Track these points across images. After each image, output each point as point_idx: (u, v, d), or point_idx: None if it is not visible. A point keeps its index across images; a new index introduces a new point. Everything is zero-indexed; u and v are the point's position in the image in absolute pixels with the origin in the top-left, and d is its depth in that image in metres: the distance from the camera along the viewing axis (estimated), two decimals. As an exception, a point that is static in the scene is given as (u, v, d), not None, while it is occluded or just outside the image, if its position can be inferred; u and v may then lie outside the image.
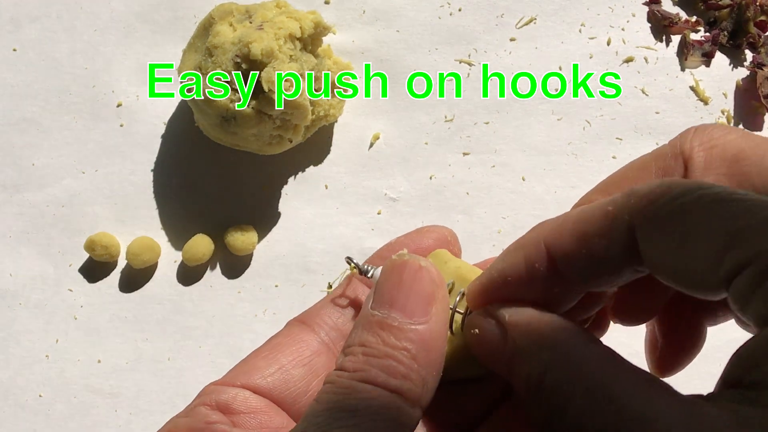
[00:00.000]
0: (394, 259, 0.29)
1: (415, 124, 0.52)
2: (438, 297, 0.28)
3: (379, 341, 0.28)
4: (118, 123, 0.53)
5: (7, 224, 0.51)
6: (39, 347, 0.50)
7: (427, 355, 0.27)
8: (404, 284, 0.29)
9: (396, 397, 0.26)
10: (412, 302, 0.28)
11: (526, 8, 0.54)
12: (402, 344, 0.27)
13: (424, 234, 0.34)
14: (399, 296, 0.28)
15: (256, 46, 0.44)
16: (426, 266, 0.29)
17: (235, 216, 0.51)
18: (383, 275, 0.29)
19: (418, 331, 0.28)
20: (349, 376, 0.27)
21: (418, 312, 0.28)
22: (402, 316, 0.28)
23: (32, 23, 0.54)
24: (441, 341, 0.28)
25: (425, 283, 0.29)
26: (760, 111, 0.52)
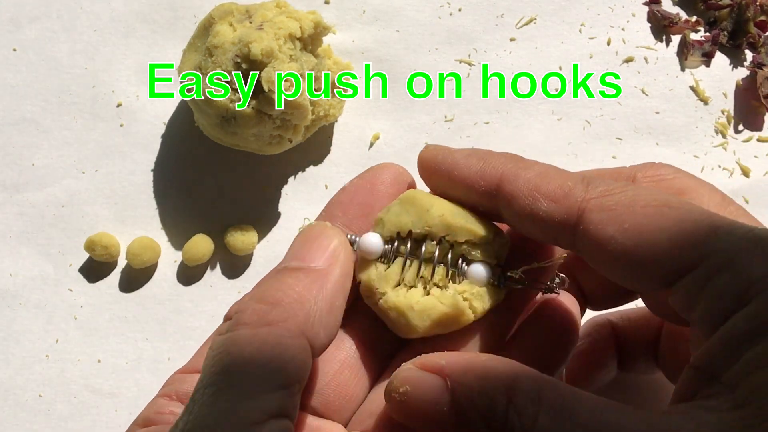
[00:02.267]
0: (305, 226, 0.30)
1: (415, 124, 0.52)
2: (338, 250, 0.29)
3: (271, 279, 0.28)
4: (118, 123, 0.53)
5: (7, 224, 0.51)
6: (39, 347, 0.50)
7: (318, 292, 0.27)
8: (305, 241, 0.29)
9: (274, 330, 0.25)
10: (310, 253, 0.28)
11: (526, 8, 0.54)
12: (293, 279, 0.27)
13: (378, 171, 0.34)
14: (298, 250, 0.29)
15: (256, 46, 0.44)
16: (329, 227, 0.30)
17: (235, 216, 0.51)
18: (294, 239, 0.30)
19: (311, 269, 0.28)
20: (225, 328, 0.26)
21: (316, 259, 0.28)
22: (299, 263, 0.28)
23: (32, 23, 0.54)
24: (338, 287, 0.28)
25: (326, 237, 0.29)
26: (760, 111, 0.52)
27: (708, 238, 0.25)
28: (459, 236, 0.31)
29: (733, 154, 0.52)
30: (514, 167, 0.29)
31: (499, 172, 0.29)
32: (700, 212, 0.25)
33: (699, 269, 0.24)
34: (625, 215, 0.26)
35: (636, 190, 0.27)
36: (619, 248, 0.26)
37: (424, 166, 0.32)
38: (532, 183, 0.28)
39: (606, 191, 0.27)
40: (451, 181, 0.31)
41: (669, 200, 0.26)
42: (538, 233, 0.29)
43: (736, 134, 0.52)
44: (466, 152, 0.31)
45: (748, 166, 0.52)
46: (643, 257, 0.26)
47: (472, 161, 0.30)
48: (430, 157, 0.32)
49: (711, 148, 0.52)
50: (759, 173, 0.52)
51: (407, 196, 0.32)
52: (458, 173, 0.30)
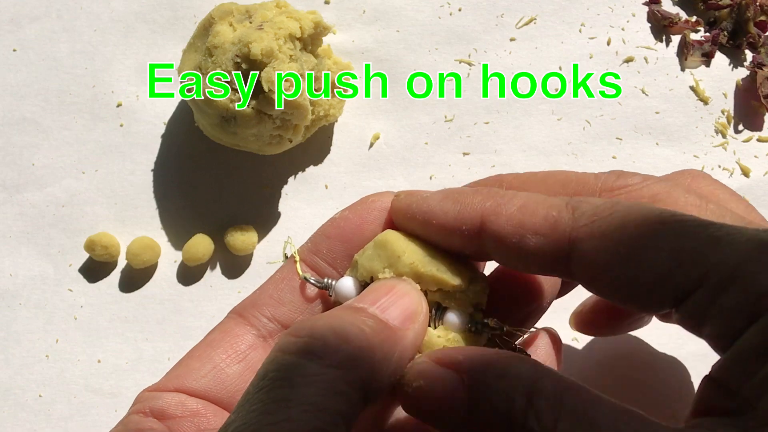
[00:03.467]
0: (386, 278, 0.29)
1: (415, 124, 0.52)
2: (418, 314, 0.28)
3: (346, 313, 0.27)
4: (118, 123, 0.53)
5: (7, 224, 0.51)
6: (39, 347, 0.50)
7: (385, 352, 0.26)
8: (392, 295, 0.28)
9: (339, 377, 0.24)
10: (393, 308, 0.27)
11: (526, 8, 0.54)
12: (367, 326, 0.26)
13: (368, 205, 0.32)
14: (383, 299, 0.28)
15: (256, 46, 0.44)
16: (416, 291, 0.29)
17: (235, 216, 0.51)
18: (374, 284, 0.28)
19: (385, 325, 0.27)
20: (294, 347, 0.25)
21: (395, 318, 0.27)
22: (379, 312, 0.27)
23: (32, 23, 0.54)
24: (403, 351, 0.27)
25: (410, 301, 0.28)
26: (760, 111, 0.52)
27: (709, 252, 0.23)
28: (430, 286, 0.30)
29: (733, 154, 0.52)
30: (494, 204, 0.28)
31: (478, 213, 0.28)
32: (696, 224, 0.24)
33: (703, 288, 0.23)
34: (619, 239, 0.25)
35: (625, 209, 0.25)
36: (617, 274, 0.25)
37: (398, 216, 0.31)
38: (516, 219, 0.27)
39: (594, 215, 0.25)
40: (429, 229, 0.30)
41: (662, 215, 0.25)
42: (531, 268, 0.28)
43: (736, 134, 0.52)
44: (440, 196, 0.29)
45: (748, 166, 0.52)
46: (642, 282, 0.24)
47: (448, 206, 0.29)
48: (403, 208, 0.30)
49: (711, 148, 0.52)
50: (759, 173, 0.52)
51: (381, 240, 0.31)
52: (436, 221, 0.29)
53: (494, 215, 0.27)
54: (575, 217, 0.26)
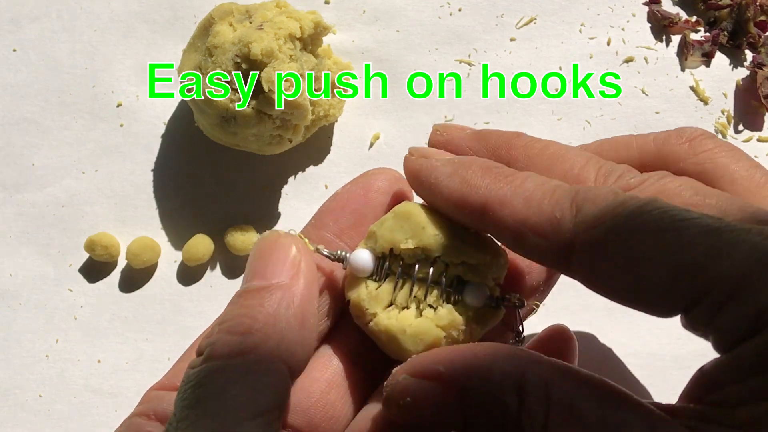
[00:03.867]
0: (258, 237, 0.29)
1: (415, 124, 0.52)
2: (299, 259, 0.27)
3: (237, 306, 0.26)
4: (118, 123, 0.53)
5: (7, 224, 0.51)
6: (39, 347, 0.50)
7: (287, 310, 0.26)
8: (263, 254, 0.28)
9: (244, 360, 0.25)
10: (270, 267, 0.27)
11: (526, 8, 0.54)
12: (258, 301, 0.26)
13: (371, 177, 0.32)
14: (258, 266, 0.28)
15: (256, 46, 0.44)
16: (284, 234, 0.28)
17: (235, 216, 0.51)
18: (250, 254, 0.28)
19: (275, 285, 0.27)
20: (197, 362, 0.25)
21: (278, 274, 0.27)
22: (262, 281, 0.27)
23: (32, 23, 0.54)
24: (305, 299, 0.27)
25: (284, 248, 0.28)
26: (760, 111, 0.52)
27: (709, 265, 0.22)
28: (455, 257, 0.29)
29: (733, 154, 0.52)
30: (500, 193, 0.27)
31: (483, 199, 0.27)
32: (698, 231, 0.23)
33: (705, 302, 0.23)
34: (619, 249, 0.24)
35: (628, 214, 0.24)
36: (615, 284, 0.24)
37: (411, 179, 0.30)
38: (519, 215, 0.26)
39: (596, 219, 0.24)
40: (435, 200, 0.29)
41: (661, 223, 0.23)
42: (531, 258, 0.28)
43: (736, 134, 0.52)
44: (448, 169, 0.28)
45: (748, 166, 0.52)
46: (642, 293, 0.24)
47: (454, 184, 0.28)
48: (413, 171, 0.30)
49: (711, 148, 0.52)
50: (759, 173, 0.52)
51: (402, 210, 0.30)
52: (441, 196, 0.28)
53: (499, 205, 0.27)
54: (577, 221, 0.25)
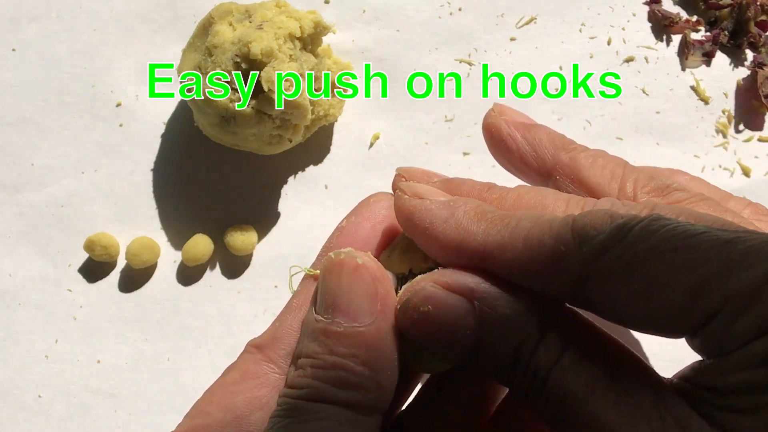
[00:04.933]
0: (331, 258, 0.27)
1: (415, 124, 0.52)
2: (380, 293, 0.27)
3: (326, 350, 0.26)
4: (118, 123, 0.53)
5: (6, 224, 0.51)
6: (38, 347, 0.50)
7: (377, 357, 0.26)
8: (344, 285, 0.27)
9: (349, 411, 0.25)
10: (354, 303, 0.26)
11: (526, 8, 0.54)
12: (350, 351, 0.26)
13: (373, 206, 0.31)
14: (340, 298, 0.27)
15: (255, 46, 0.44)
16: (364, 263, 0.27)
17: (235, 216, 0.51)
18: (323, 277, 0.27)
19: (365, 333, 0.26)
20: (297, 394, 0.26)
21: (361, 313, 0.26)
22: (346, 319, 0.26)
23: (32, 23, 0.54)
24: (390, 339, 0.26)
25: (366, 281, 0.27)
26: (761, 111, 0.52)
27: (725, 278, 0.22)
28: None
29: (733, 154, 0.52)
30: (496, 236, 0.26)
31: (481, 245, 0.26)
32: (713, 245, 0.22)
33: (719, 316, 0.22)
34: (630, 277, 0.23)
35: (635, 235, 0.23)
36: (633, 311, 0.24)
37: (402, 220, 0.28)
38: (523, 257, 0.25)
39: (602, 246, 0.23)
40: (431, 246, 0.28)
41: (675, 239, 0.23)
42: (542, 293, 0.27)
43: (736, 134, 0.52)
44: (444, 213, 0.27)
45: (749, 165, 0.51)
46: (657, 317, 0.23)
47: (451, 229, 0.27)
48: (406, 214, 0.28)
49: (711, 148, 0.52)
50: (759, 173, 0.51)
51: None
52: (438, 242, 0.27)
53: (499, 251, 0.26)
54: (584, 251, 0.24)
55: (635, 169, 0.30)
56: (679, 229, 0.23)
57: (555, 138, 0.32)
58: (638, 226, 0.23)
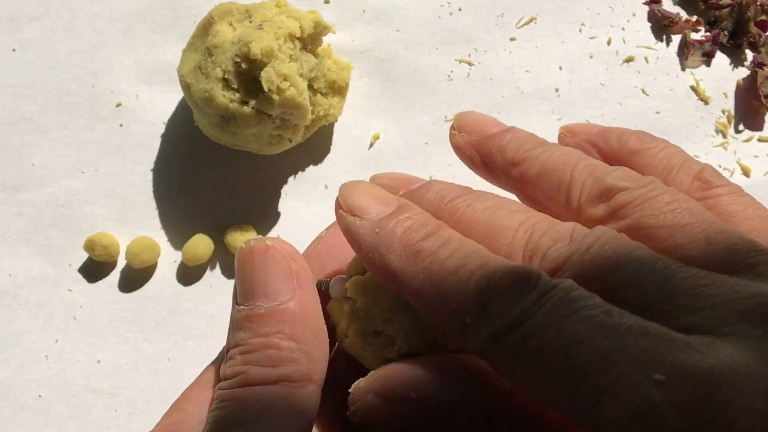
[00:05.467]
0: (241, 247, 0.28)
1: (415, 124, 0.52)
2: (294, 269, 0.27)
3: (252, 335, 0.26)
4: (118, 123, 0.53)
5: (6, 224, 0.51)
6: (39, 347, 0.50)
7: (303, 330, 0.26)
8: (257, 269, 0.27)
9: (282, 387, 0.25)
10: (271, 284, 0.27)
11: (526, 8, 0.54)
12: (274, 328, 0.26)
13: None
14: (256, 283, 0.27)
15: (255, 46, 0.44)
16: (273, 243, 0.27)
17: (235, 216, 0.51)
18: (237, 268, 0.28)
19: (286, 309, 0.26)
20: (229, 384, 0.26)
21: (279, 291, 0.27)
22: (266, 300, 0.27)
23: (32, 23, 0.54)
24: (313, 311, 0.27)
25: (279, 261, 0.27)
26: (761, 111, 0.52)
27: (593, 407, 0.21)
28: None
29: (733, 154, 0.52)
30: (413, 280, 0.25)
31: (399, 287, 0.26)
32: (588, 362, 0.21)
33: None
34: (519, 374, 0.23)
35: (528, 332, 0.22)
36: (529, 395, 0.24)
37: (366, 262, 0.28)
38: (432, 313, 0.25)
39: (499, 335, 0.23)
40: None
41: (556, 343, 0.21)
42: None
43: (736, 134, 0.52)
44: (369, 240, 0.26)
45: (749, 165, 0.51)
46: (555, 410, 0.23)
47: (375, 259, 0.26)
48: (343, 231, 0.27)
49: (711, 148, 0.52)
50: (759, 173, 0.52)
51: None
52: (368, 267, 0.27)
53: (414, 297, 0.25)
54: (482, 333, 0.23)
55: (583, 171, 0.27)
56: (568, 326, 0.21)
57: (507, 150, 0.30)
58: (538, 312, 0.22)
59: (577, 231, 0.25)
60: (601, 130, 0.30)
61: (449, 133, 0.32)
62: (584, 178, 0.27)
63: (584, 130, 0.31)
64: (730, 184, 0.27)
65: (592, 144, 0.30)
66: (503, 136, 0.31)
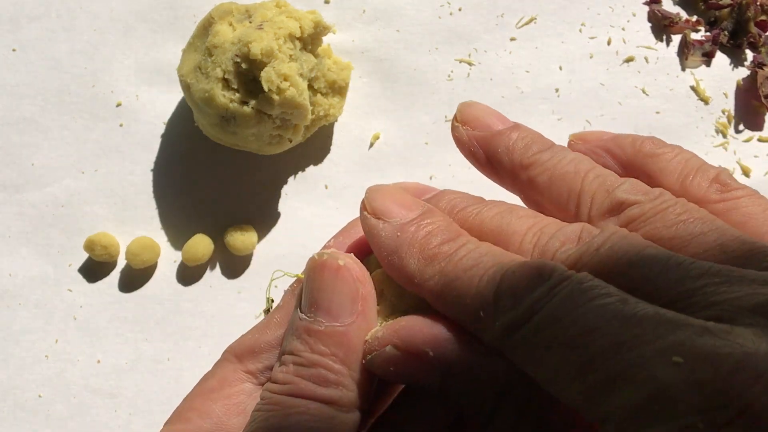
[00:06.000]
0: (314, 259, 0.28)
1: (415, 124, 0.52)
2: (361, 294, 0.27)
3: (307, 348, 0.27)
4: (118, 123, 0.53)
5: (6, 224, 0.51)
6: (39, 347, 0.50)
7: (356, 357, 0.26)
8: (326, 285, 0.27)
9: (328, 407, 0.26)
10: (336, 303, 0.27)
11: (526, 8, 0.54)
12: (330, 350, 0.26)
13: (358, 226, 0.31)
14: (322, 298, 0.27)
15: (255, 46, 0.44)
16: (346, 264, 0.28)
17: (235, 216, 0.51)
18: (306, 277, 0.28)
19: (344, 333, 0.27)
20: (278, 389, 0.26)
21: (343, 312, 0.27)
22: (327, 318, 0.27)
23: (32, 23, 0.54)
24: (358, 343, 0.27)
25: (347, 282, 0.27)
26: (761, 111, 0.52)
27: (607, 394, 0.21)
28: None
29: (733, 153, 0.52)
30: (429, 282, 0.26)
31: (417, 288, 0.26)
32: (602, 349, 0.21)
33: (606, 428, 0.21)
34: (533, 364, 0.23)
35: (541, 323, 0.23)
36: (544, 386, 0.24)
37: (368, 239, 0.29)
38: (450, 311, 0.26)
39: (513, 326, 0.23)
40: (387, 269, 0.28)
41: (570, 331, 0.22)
42: None
43: (736, 134, 0.52)
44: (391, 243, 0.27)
45: (749, 165, 0.51)
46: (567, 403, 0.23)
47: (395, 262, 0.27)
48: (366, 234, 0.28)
49: (711, 148, 0.52)
50: (759, 173, 0.52)
51: None
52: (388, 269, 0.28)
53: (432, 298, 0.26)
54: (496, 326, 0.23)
55: (593, 182, 0.28)
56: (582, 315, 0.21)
57: (514, 152, 0.30)
58: (550, 303, 0.22)
59: (586, 231, 0.25)
60: (614, 137, 0.30)
61: (451, 124, 0.32)
62: (594, 189, 0.27)
63: (596, 137, 0.31)
64: (746, 187, 0.27)
65: (606, 150, 0.30)
66: (510, 135, 0.30)
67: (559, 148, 0.30)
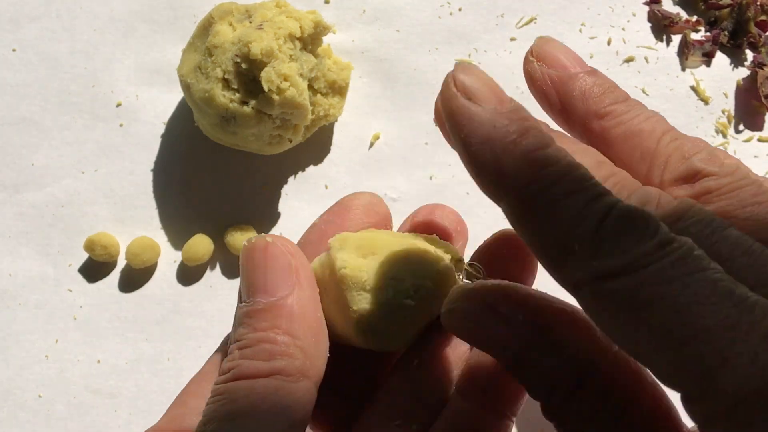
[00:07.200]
0: (244, 245, 0.28)
1: (415, 124, 0.52)
2: (294, 265, 0.27)
3: (250, 329, 0.27)
4: (118, 123, 0.53)
5: (6, 224, 0.51)
6: (38, 347, 0.50)
7: (299, 325, 0.26)
8: (257, 264, 0.27)
9: (274, 380, 0.25)
10: (270, 279, 0.27)
11: (526, 8, 0.54)
12: (271, 323, 0.26)
13: (347, 204, 0.32)
14: (257, 278, 0.27)
15: (255, 46, 0.44)
16: (273, 240, 0.28)
17: (235, 216, 0.51)
18: (241, 266, 0.28)
19: (284, 304, 0.27)
20: (225, 378, 0.26)
21: (279, 286, 0.27)
22: (265, 296, 0.27)
23: (32, 23, 0.54)
24: (312, 308, 0.27)
25: (278, 257, 0.27)
26: (761, 111, 0.52)
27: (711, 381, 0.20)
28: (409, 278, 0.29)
29: (733, 154, 0.52)
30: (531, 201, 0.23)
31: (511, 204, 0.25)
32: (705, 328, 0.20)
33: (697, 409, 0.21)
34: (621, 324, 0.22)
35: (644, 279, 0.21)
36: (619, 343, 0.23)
37: (442, 119, 0.26)
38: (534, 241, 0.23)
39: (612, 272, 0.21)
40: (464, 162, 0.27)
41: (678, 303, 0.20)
42: None
43: (736, 134, 0.52)
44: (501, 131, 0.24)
45: (749, 166, 0.51)
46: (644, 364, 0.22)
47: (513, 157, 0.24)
48: (449, 113, 0.25)
49: (711, 148, 0.52)
50: (759, 173, 0.51)
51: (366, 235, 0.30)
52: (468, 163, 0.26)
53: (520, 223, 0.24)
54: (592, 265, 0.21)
55: (669, 145, 0.26)
56: (695, 284, 0.20)
57: (590, 98, 0.27)
58: (660, 262, 0.20)
59: (664, 199, 0.23)
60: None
61: (524, 58, 0.28)
62: (670, 153, 0.26)
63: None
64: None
65: None
66: (586, 79, 0.28)
67: (634, 102, 0.28)
